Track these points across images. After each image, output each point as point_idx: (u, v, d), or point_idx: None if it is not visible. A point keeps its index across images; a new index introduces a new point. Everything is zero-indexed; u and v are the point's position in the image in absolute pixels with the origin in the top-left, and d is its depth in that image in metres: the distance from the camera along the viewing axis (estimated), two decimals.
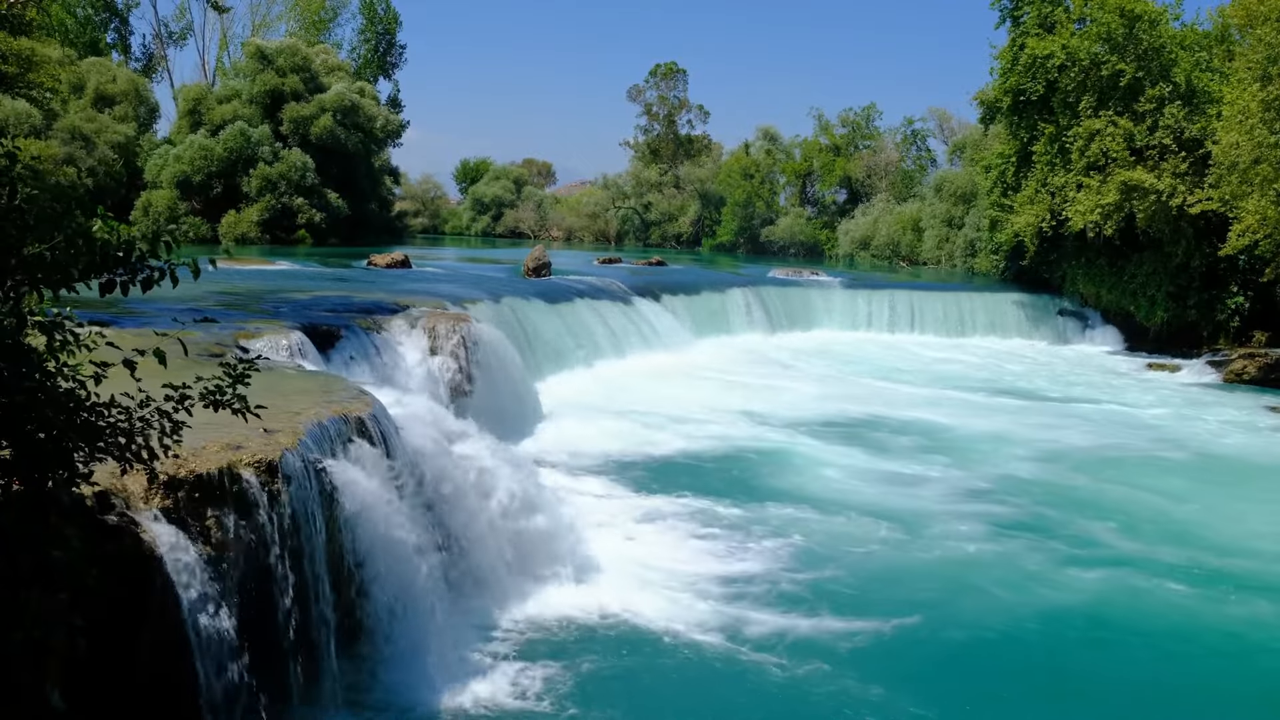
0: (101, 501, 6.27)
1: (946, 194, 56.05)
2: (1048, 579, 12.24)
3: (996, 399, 24.71)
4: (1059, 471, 17.51)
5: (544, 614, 10.41)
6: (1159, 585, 12.15)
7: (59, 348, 4.80)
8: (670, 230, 79.41)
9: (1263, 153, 27.67)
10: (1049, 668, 10.12)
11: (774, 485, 15.73)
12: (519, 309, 23.89)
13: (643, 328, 28.32)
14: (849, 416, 21.37)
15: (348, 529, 8.52)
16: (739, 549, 12.67)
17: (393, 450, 9.66)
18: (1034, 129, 36.53)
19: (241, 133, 50.08)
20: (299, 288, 22.35)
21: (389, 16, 73.59)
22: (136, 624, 6.35)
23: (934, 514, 14.56)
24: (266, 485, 7.52)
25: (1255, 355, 30.27)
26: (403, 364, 16.49)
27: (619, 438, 18.03)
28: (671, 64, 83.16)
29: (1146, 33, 33.60)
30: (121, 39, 67.87)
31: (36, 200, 4.66)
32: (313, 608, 7.96)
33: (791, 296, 36.65)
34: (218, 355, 11.43)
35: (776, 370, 27.47)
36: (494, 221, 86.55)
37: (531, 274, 32.39)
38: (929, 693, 9.28)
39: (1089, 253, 36.11)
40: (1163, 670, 10.13)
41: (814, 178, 74.48)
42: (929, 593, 11.66)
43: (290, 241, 49.13)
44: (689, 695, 9.13)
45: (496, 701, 8.64)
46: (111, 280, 4.88)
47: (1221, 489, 16.94)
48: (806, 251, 69.09)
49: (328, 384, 10.96)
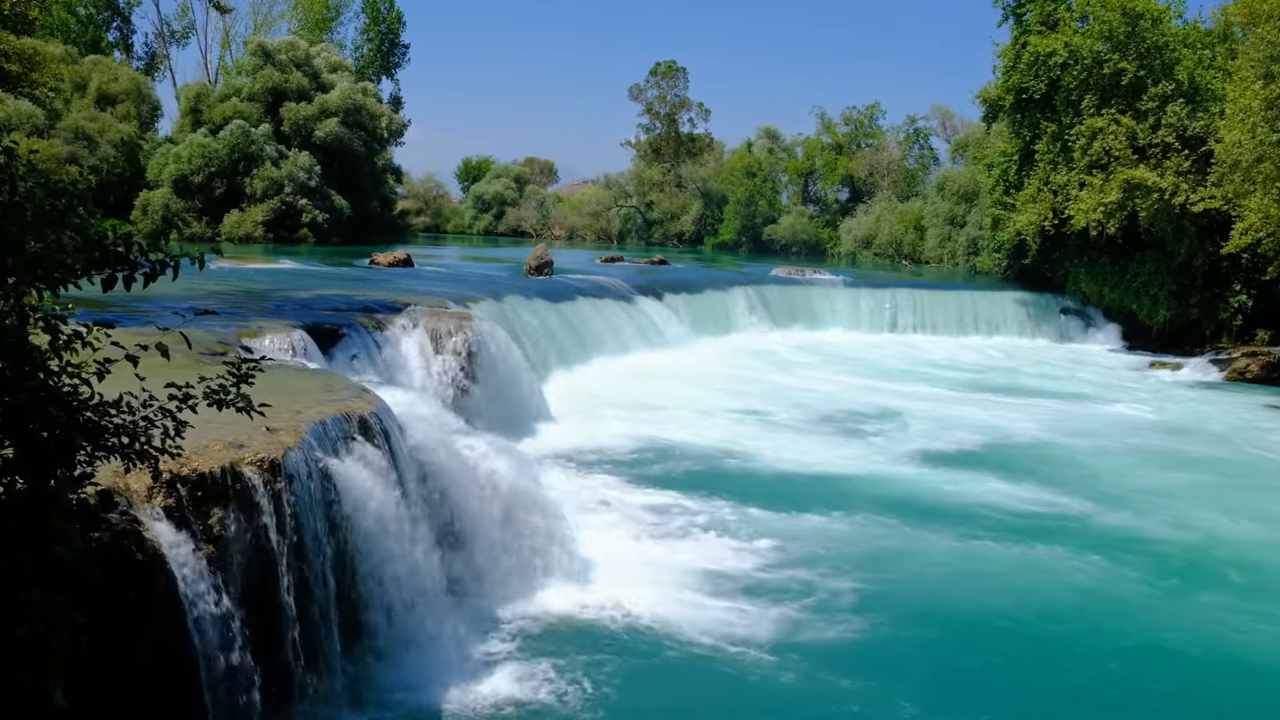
0: (104, 500, 6.25)
1: (949, 193, 56.00)
2: (1046, 577, 12.24)
3: (998, 397, 24.68)
4: (1060, 469, 17.49)
5: (546, 612, 10.41)
6: (1159, 585, 12.14)
7: (62, 346, 4.78)
8: (672, 229, 79.39)
9: (1265, 151, 27.64)
10: (1046, 662, 10.10)
11: (777, 483, 15.71)
12: (521, 308, 23.89)
13: (645, 326, 28.32)
14: (851, 415, 21.35)
15: (350, 527, 8.51)
16: (742, 547, 12.65)
17: (395, 449, 9.65)
18: (1036, 127, 36.50)
19: (243, 131, 50.07)
20: (301, 286, 22.35)
21: (392, 16, 73.55)
22: (139, 623, 6.34)
23: (935, 513, 14.54)
24: (269, 484, 7.52)
25: (1258, 354, 30.24)
26: (405, 363, 16.49)
27: (621, 436, 18.02)
28: (671, 62, 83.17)
29: (1149, 31, 33.56)
30: (123, 37, 67.90)
31: (36, 197, 4.65)
32: (315, 606, 7.96)
33: (794, 295, 36.63)
34: (221, 354, 11.42)
35: (779, 369, 27.45)
36: (496, 220, 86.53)
37: (534, 273, 32.38)
38: (936, 692, 9.27)
39: (1091, 251, 36.08)
40: (1162, 669, 10.11)
41: (816, 176, 74.47)
42: (932, 591, 11.66)
43: (293, 241, 49.14)
44: (691, 694, 9.12)
45: (499, 699, 8.64)
46: (113, 276, 4.87)
47: (1222, 488, 16.90)
48: (809, 250, 69.06)
49: (330, 383, 10.95)
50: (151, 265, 4.92)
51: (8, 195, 4.61)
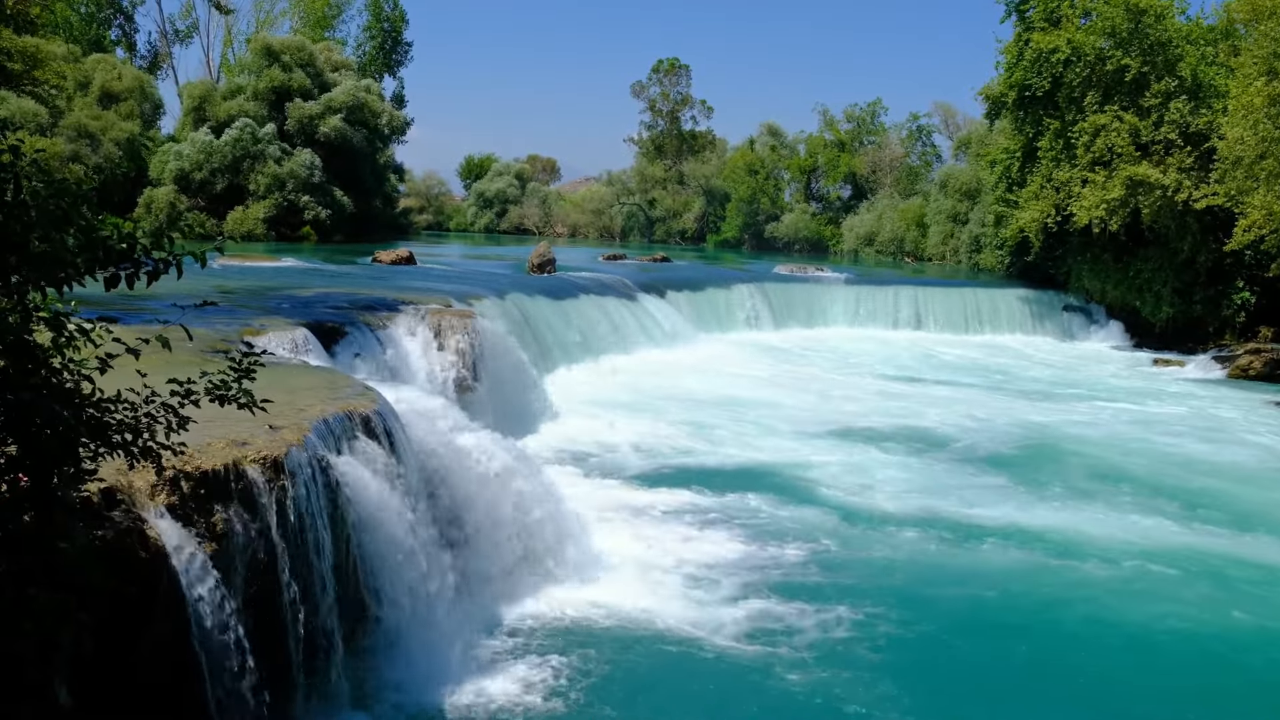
0: (107, 498, 6.27)
1: (951, 190, 55.99)
2: (1043, 574, 12.25)
3: (1000, 395, 24.66)
4: (1060, 468, 17.48)
5: (550, 610, 10.40)
6: (1160, 582, 12.13)
7: (64, 343, 4.78)
8: (675, 227, 79.42)
9: (1268, 148, 27.59)
10: (1044, 660, 10.11)
11: (779, 482, 15.68)
12: (524, 305, 23.90)
13: (647, 324, 28.32)
14: (852, 414, 21.34)
15: (353, 525, 8.51)
16: (745, 545, 12.64)
17: (398, 446, 9.65)
18: (1039, 124, 36.46)
19: (247, 129, 50.10)
20: (304, 284, 22.37)
21: (396, 15, 73.53)
22: (142, 621, 6.35)
23: (936, 512, 14.54)
24: (272, 482, 7.52)
25: (1261, 351, 30.21)
26: (408, 360, 16.49)
27: (624, 433, 18.01)
28: (674, 60, 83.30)
29: (1152, 27, 33.51)
30: (125, 36, 67.97)
31: (40, 196, 4.64)
32: (319, 604, 7.95)
33: (796, 293, 36.63)
34: (223, 351, 11.42)
35: (781, 367, 27.43)
36: (498, 218, 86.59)
37: (536, 270, 32.42)
38: (949, 692, 9.27)
39: (1094, 248, 36.06)
40: (1164, 668, 10.11)
41: (819, 174, 74.48)
42: (935, 591, 11.65)
43: (295, 239, 49.19)
44: (694, 693, 9.10)
45: (503, 699, 8.63)
46: (116, 275, 4.86)
47: (1223, 487, 16.88)
48: (811, 248, 69.08)
49: (333, 380, 10.94)
50: (154, 264, 4.91)
51: (12, 194, 4.61)
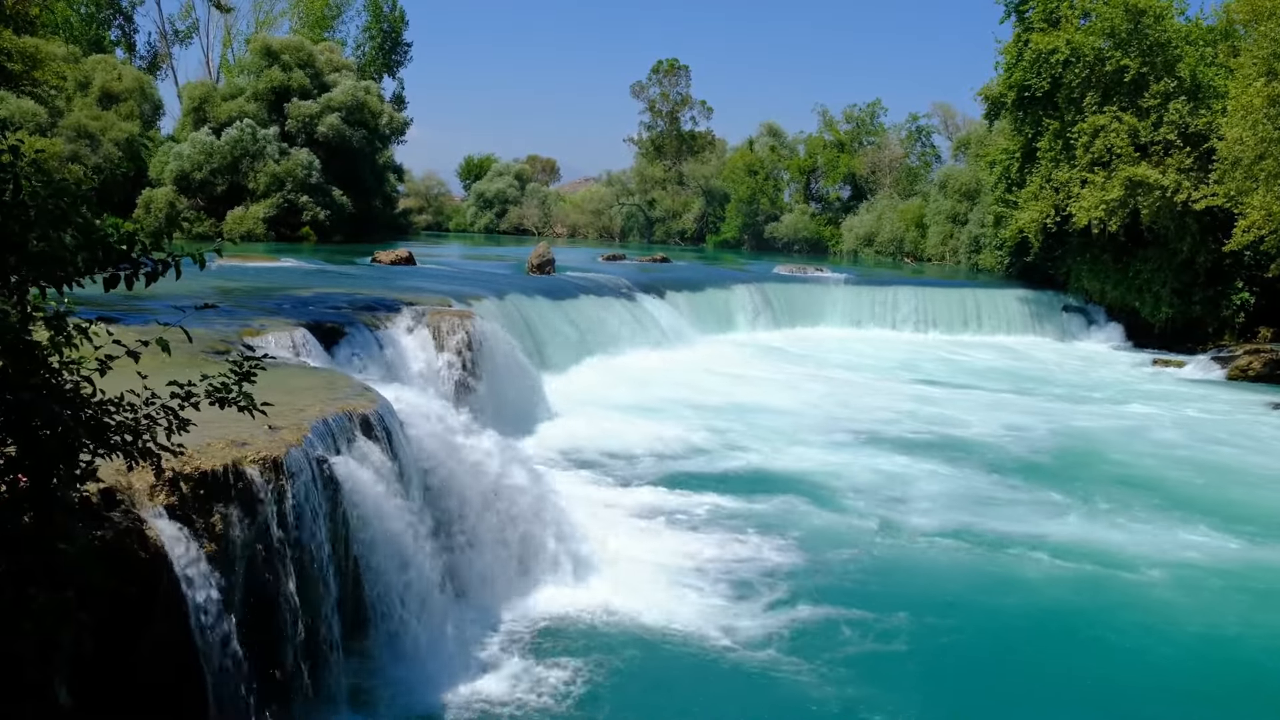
0: (107, 499, 6.27)
1: (951, 190, 56.01)
2: (1042, 573, 12.26)
3: (1000, 394, 24.67)
4: (1061, 467, 17.49)
5: (549, 611, 10.40)
6: (1159, 583, 12.14)
7: (63, 342, 4.79)
8: (674, 227, 79.42)
9: (1267, 148, 27.61)
10: (1039, 661, 10.12)
11: (780, 481, 15.69)
12: (523, 306, 23.90)
13: (647, 324, 28.32)
14: (852, 413, 21.34)
15: (352, 526, 8.52)
16: (745, 545, 12.64)
17: (397, 447, 9.65)
18: (1039, 125, 36.48)
19: (247, 129, 50.09)
20: (303, 284, 22.35)
21: (395, 15, 73.54)
22: (142, 621, 6.35)
23: (939, 510, 14.54)
24: (271, 482, 7.52)
25: (1260, 351, 30.22)
26: (407, 361, 16.49)
27: (624, 434, 18.00)
28: (674, 60, 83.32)
29: (1151, 28, 33.53)
30: (125, 36, 67.96)
31: (39, 196, 4.65)
32: (318, 605, 7.96)
33: (795, 293, 36.65)
34: (223, 352, 11.43)
35: (781, 366, 27.44)
36: (498, 218, 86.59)
37: (535, 271, 32.42)
38: (940, 692, 9.27)
39: (1093, 249, 36.08)
40: (1164, 666, 10.12)
41: (818, 174, 74.49)
42: (934, 589, 11.65)
43: (295, 239, 49.17)
44: (694, 693, 9.11)
45: (502, 699, 8.64)
46: (115, 275, 4.87)
47: (1223, 486, 16.89)
48: (811, 248, 69.10)
49: (332, 381, 10.94)
50: (154, 264, 4.92)
51: (11, 193, 4.61)
